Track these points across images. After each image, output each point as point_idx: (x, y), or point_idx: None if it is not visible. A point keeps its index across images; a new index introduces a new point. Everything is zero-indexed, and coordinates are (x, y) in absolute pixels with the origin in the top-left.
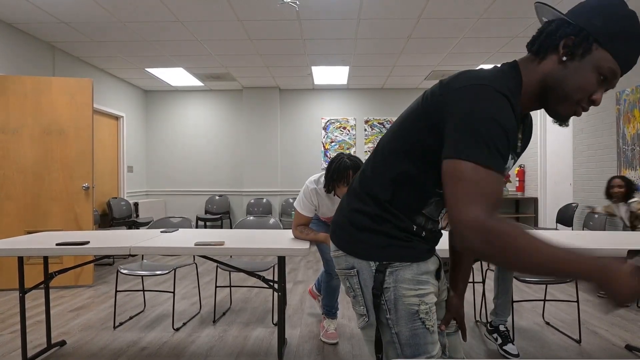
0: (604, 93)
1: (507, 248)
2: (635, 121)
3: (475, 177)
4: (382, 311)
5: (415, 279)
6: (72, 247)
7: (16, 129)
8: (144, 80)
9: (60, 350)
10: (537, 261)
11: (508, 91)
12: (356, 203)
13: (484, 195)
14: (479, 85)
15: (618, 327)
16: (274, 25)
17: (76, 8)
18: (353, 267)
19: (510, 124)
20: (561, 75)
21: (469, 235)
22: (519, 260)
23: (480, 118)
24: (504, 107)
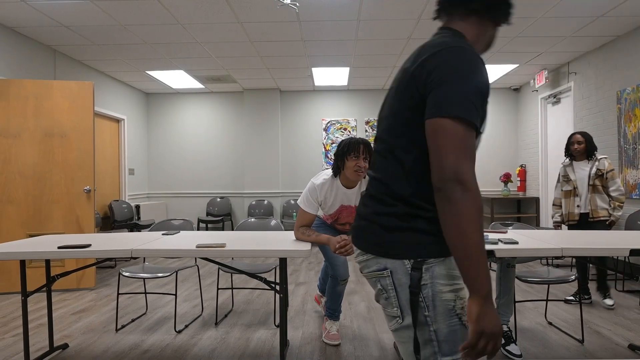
0: None
1: (471, 209)
2: (636, 120)
3: (460, 135)
4: (420, 309)
5: (450, 274)
6: (74, 250)
7: (18, 133)
8: (144, 82)
9: (62, 353)
10: (471, 239)
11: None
12: (379, 207)
13: (470, 151)
14: (464, 50)
15: (621, 326)
16: (274, 27)
17: (77, 12)
18: (386, 268)
19: (485, 76)
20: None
21: (450, 180)
22: (467, 225)
23: (460, 74)
24: (480, 62)
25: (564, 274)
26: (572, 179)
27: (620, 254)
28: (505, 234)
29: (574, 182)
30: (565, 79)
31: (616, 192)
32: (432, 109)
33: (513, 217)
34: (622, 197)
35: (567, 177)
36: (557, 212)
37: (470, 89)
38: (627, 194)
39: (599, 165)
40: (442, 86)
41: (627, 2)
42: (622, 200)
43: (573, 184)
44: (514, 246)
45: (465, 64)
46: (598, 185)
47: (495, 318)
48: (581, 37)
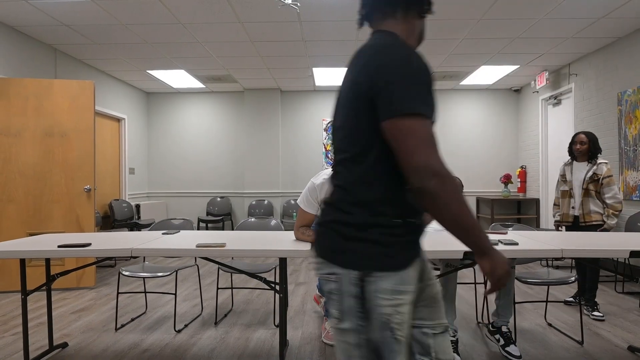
0: None
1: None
2: (636, 122)
3: (422, 129)
4: (356, 317)
5: (394, 289)
6: (74, 249)
7: (18, 132)
8: (145, 82)
9: (62, 352)
10: (464, 218)
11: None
12: (337, 214)
13: (433, 143)
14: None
15: (621, 328)
16: (275, 27)
17: (78, 11)
18: (335, 274)
19: (428, 69)
20: (422, 28)
21: (426, 177)
22: (456, 208)
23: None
24: (421, 58)
25: (563, 275)
26: (568, 179)
27: (620, 255)
28: (505, 235)
29: (570, 182)
30: (566, 81)
31: (611, 199)
32: (386, 111)
33: (513, 218)
34: (618, 205)
35: (564, 177)
36: (557, 211)
37: (416, 83)
38: (628, 196)
39: (596, 170)
40: (389, 87)
41: (628, 4)
42: (617, 208)
43: (569, 184)
44: (514, 247)
45: (404, 60)
46: (591, 190)
47: (502, 261)
48: (582, 38)
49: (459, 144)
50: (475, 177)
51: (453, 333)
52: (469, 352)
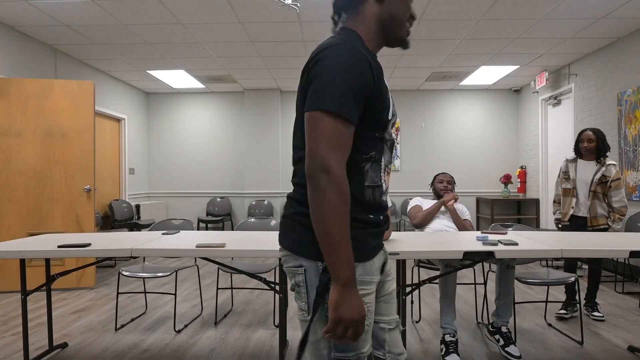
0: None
1: (334, 199)
2: (636, 122)
3: (330, 127)
4: (322, 309)
5: (359, 280)
6: (74, 249)
7: (18, 132)
8: (145, 82)
9: (62, 352)
10: (332, 227)
11: (361, 48)
12: (299, 208)
13: (339, 143)
14: (337, 46)
15: (620, 328)
16: (275, 27)
17: (78, 11)
18: (301, 266)
19: (361, 70)
20: (390, 9)
21: (318, 169)
22: (329, 213)
23: (333, 69)
24: (356, 56)
25: (563, 275)
26: (571, 177)
27: (620, 255)
28: (505, 235)
29: (574, 181)
30: (565, 81)
31: (619, 203)
32: (307, 103)
33: (513, 219)
34: (624, 209)
35: (567, 174)
36: (557, 209)
37: (336, 82)
38: (628, 196)
39: (605, 172)
40: (315, 81)
41: (628, 4)
42: (623, 212)
43: (572, 183)
44: (514, 247)
45: (333, 59)
46: (599, 193)
47: (355, 306)
48: (582, 38)
49: (459, 144)
50: (475, 177)
51: (453, 333)
52: (469, 352)
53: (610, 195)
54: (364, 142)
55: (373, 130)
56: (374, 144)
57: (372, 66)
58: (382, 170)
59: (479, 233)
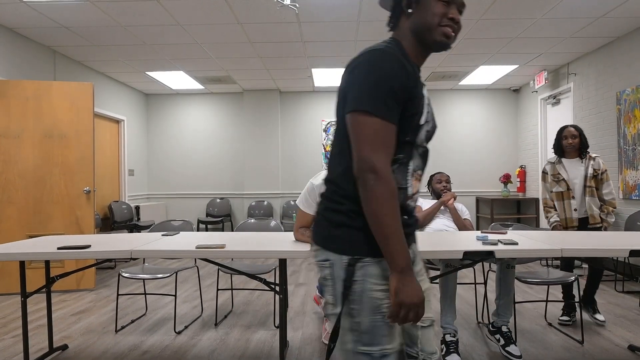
0: (459, 14)
1: (385, 195)
2: (635, 121)
3: (372, 127)
4: (348, 301)
5: (384, 275)
6: (74, 251)
7: (17, 134)
8: (144, 83)
9: (62, 354)
10: (386, 222)
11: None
12: (329, 204)
13: (382, 142)
14: (375, 51)
15: (621, 327)
16: (274, 28)
17: (77, 12)
18: (328, 260)
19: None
20: (418, 20)
21: (365, 169)
22: (381, 209)
23: (372, 73)
24: (394, 62)
25: (563, 274)
26: (564, 178)
27: (620, 254)
28: (504, 234)
29: (568, 182)
30: (564, 80)
31: (609, 195)
32: (347, 106)
33: (513, 218)
34: (615, 201)
35: (557, 177)
36: (553, 213)
37: (374, 84)
38: (627, 195)
39: (594, 165)
40: (352, 86)
41: (626, 3)
42: (614, 205)
43: (566, 184)
44: (514, 247)
45: (371, 63)
46: (592, 187)
47: (414, 290)
48: (581, 38)
49: (458, 143)
50: (474, 176)
51: (453, 333)
52: (469, 352)
53: (601, 188)
54: None
55: (403, 134)
56: (403, 147)
57: (406, 69)
58: (409, 174)
59: (479, 233)
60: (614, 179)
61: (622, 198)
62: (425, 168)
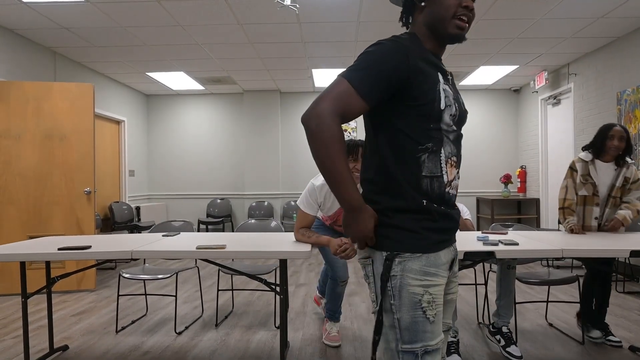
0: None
1: (327, 140)
2: (636, 121)
3: (339, 87)
4: (387, 297)
5: (423, 270)
6: (74, 252)
7: (18, 134)
8: (145, 84)
9: (62, 355)
10: (331, 165)
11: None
12: (369, 204)
13: (340, 101)
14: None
15: (622, 328)
16: (274, 28)
17: (77, 13)
18: (369, 257)
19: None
20: (431, 12)
21: (310, 115)
22: (324, 154)
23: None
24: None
25: (564, 275)
26: (594, 182)
27: (621, 255)
28: (505, 235)
29: (595, 187)
30: (565, 80)
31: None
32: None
33: (513, 219)
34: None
35: (586, 178)
36: (571, 219)
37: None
38: None
39: (627, 173)
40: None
41: (627, 3)
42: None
43: (593, 188)
44: (515, 247)
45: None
46: (617, 198)
47: (361, 224)
48: (581, 38)
49: None
50: (475, 177)
51: (454, 334)
52: (470, 352)
53: (630, 195)
54: (417, 133)
55: (426, 121)
56: (429, 136)
57: (407, 54)
58: (442, 162)
59: (480, 233)
60: None
61: None
62: (459, 154)
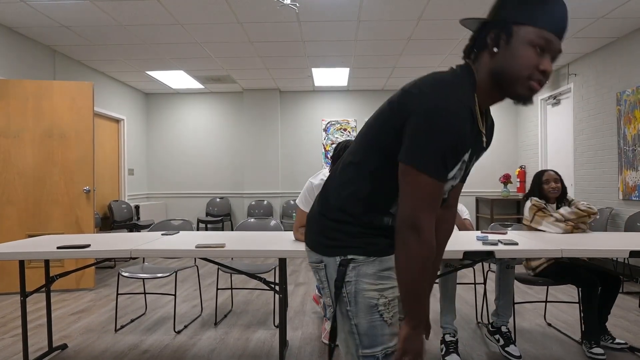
0: (553, 61)
1: (420, 255)
2: (635, 122)
3: (425, 187)
4: (343, 303)
5: (377, 275)
6: (73, 251)
7: (17, 133)
8: (144, 83)
9: (61, 353)
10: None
11: (466, 99)
12: (323, 209)
13: (432, 202)
14: (441, 89)
15: (621, 328)
16: (274, 27)
17: (77, 12)
18: (321, 262)
19: (464, 135)
20: (501, 63)
21: (408, 225)
22: (412, 267)
23: (436, 128)
24: (461, 118)
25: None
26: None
27: (620, 255)
28: (504, 234)
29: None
30: (565, 81)
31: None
32: (403, 154)
33: (513, 218)
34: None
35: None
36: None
37: (438, 139)
38: (627, 196)
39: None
40: (414, 132)
41: (627, 4)
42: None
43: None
44: (514, 247)
45: (436, 112)
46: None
47: (418, 342)
48: (581, 38)
49: None
50: (474, 177)
51: (453, 333)
52: (469, 352)
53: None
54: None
55: None
56: None
57: (471, 117)
58: None
59: (479, 233)
60: (613, 180)
61: (621, 199)
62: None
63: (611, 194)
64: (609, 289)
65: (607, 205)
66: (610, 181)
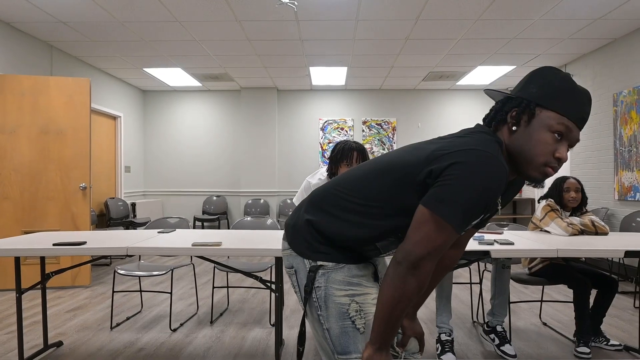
0: (569, 148)
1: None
2: (632, 122)
3: (442, 236)
4: (313, 307)
5: (347, 281)
6: (69, 248)
7: (13, 129)
8: (141, 80)
9: (57, 351)
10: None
11: (505, 164)
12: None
13: (441, 248)
14: (490, 157)
15: (615, 327)
16: (272, 25)
17: (74, 7)
18: (292, 267)
19: (496, 196)
20: (519, 143)
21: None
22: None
23: (478, 186)
24: (503, 181)
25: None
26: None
27: (615, 255)
28: (500, 234)
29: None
30: None
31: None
32: (430, 199)
33: (508, 218)
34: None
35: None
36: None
37: (472, 199)
38: (622, 196)
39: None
40: (447, 183)
41: (624, 5)
42: None
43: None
44: (510, 247)
45: (483, 173)
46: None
47: None
48: (579, 39)
49: None
50: None
51: (449, 332)
52: (464, 351)
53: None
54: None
55: None
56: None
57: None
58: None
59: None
60: (609, 181)
61: (617, 199)
62: None
63: (607, 194)
64: (605, 292)
65: (602, 206)
66: (606, 181)
